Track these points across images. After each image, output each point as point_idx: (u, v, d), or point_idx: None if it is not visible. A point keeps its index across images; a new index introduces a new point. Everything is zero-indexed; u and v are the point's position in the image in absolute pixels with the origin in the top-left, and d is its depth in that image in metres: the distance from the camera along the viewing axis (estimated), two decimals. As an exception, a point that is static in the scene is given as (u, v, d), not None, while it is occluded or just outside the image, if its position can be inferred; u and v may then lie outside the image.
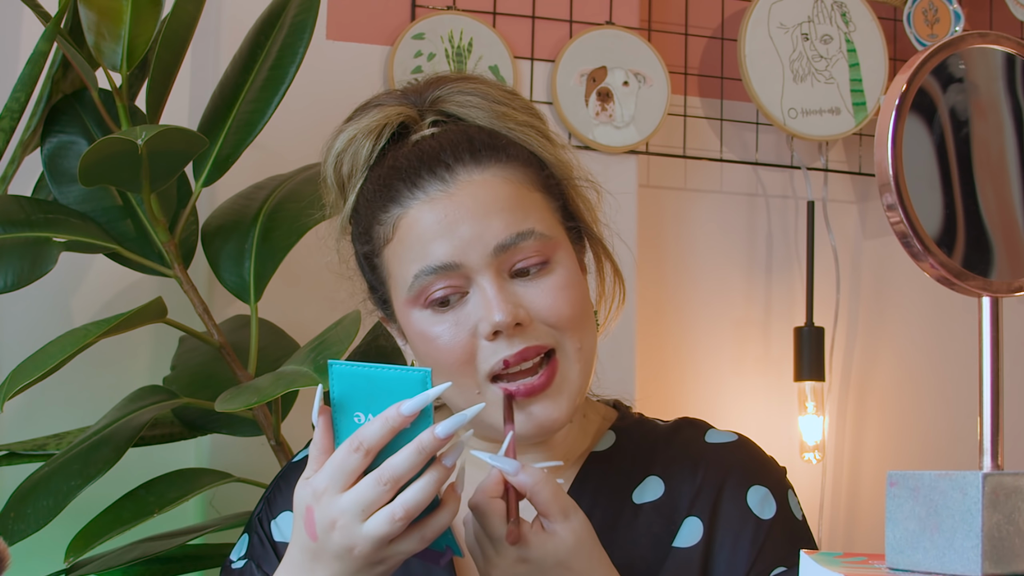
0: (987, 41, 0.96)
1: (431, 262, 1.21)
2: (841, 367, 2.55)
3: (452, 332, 1.22)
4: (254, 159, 1.94)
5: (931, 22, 2.50)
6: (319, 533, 1.09)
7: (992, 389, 0.94)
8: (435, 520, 1.10)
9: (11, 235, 1.70)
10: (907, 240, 0.94)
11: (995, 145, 0.96)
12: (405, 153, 1.25)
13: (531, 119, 1.30)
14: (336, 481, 1.08)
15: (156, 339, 2.07)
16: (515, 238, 1.21)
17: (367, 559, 1.08)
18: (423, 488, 1.07)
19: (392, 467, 1.06)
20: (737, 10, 2.48)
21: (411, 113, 1.28)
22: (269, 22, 1.83)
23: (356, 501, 1.07)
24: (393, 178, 1.24)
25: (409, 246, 1.23)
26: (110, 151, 1.59)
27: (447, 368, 1.22)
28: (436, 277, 1.21)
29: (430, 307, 1.22)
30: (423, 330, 1.23)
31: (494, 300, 1.20)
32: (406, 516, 1.07)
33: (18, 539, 1.61)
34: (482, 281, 1.21)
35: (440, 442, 1.06)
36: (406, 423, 1.07)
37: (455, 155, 1.23)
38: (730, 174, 2.50)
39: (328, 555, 1.09)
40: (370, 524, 1.07)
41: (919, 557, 0.92)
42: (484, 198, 1.22)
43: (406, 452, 1.06)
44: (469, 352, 1.21)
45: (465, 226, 1.21)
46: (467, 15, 2.25)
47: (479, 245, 1.21)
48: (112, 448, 1.67)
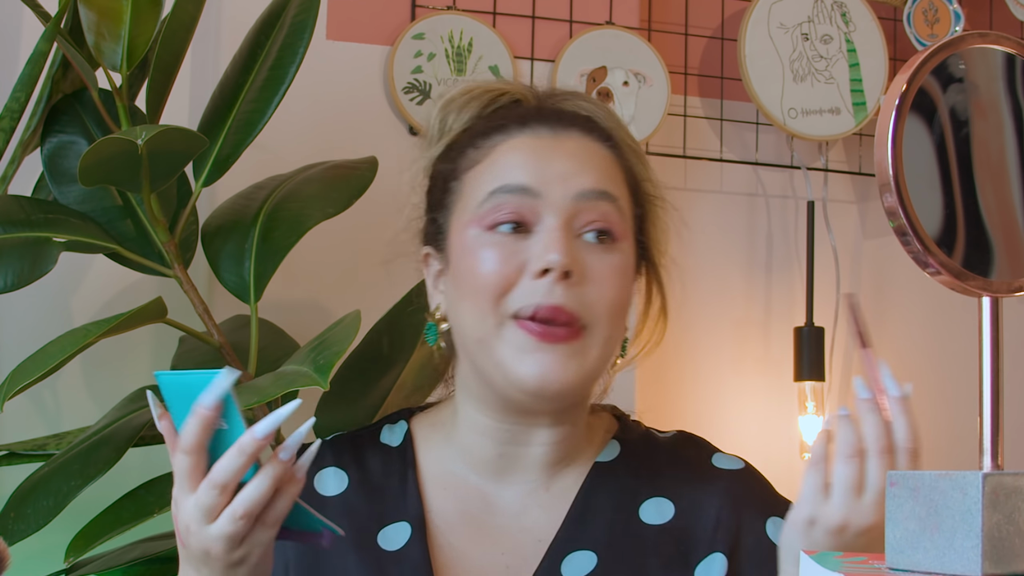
0: (987, 41, 0.96)
1: (512, 181, 1.22)
2: (841, 367, 2.55)
3: (500, 258, 1.21)
4: (254, 159, 1.94)
5: (931, 22, 2.50)
6: (183, 538, 1.11)
7: (992, 389, 0.94)
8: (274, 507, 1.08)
9: (11, 235, 1.70)
10: (907, 240, 0.94)
11: (995, 145, 0.96)
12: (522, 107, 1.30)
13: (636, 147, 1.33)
14: (180, 486, 1.09)
15: (156, 339, 2.07)
16: (598, 194, 1.23)
17: (225, 560, 1.09)
18: (259, 485, 1.06)
19: (219, 470, 1.06)
20: (737, 10, 2.48)
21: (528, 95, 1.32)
22: (269, 22, 1.83)
23: (197, 506, 1.08)
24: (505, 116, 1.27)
25: (497, 167, 1.24)
26: (110, 151, 1.59)
27: (479, 293, 1.21)
28: (511, 198, 1.22)
29: (489, 229, 1.22)
30: (474, 248, 1.23)
31: (558, 241, 1.20)
32: (247, 514, 1.06)
33: (18, 539, 1.61)
34: (551, 221, 1.21)
35: (259, 442, 1.05)
36: (211, 414, 1.05)
37: (571, 121, 1.27)
38: (730, 174, 2.50)
39: (195, 559, 1.11)
40: (215, 526, 1.07)
41: (919, 557, 0.92)
42: (584, 154, 1.25)
43: (229, 455, 1.06)
44: (508, 282, 1.21)
45: (558, 164, 1.23)
46: (467, 15, 2.25)
47: (563, 185, 1.22)
48: (112, 448, 1.67)
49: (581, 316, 1.21)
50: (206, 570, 1.10)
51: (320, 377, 1.48)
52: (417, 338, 1.86)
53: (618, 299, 1.23)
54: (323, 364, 1.50)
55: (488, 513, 1.29)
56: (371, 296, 1.85)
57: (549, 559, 1.26)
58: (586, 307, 1.21)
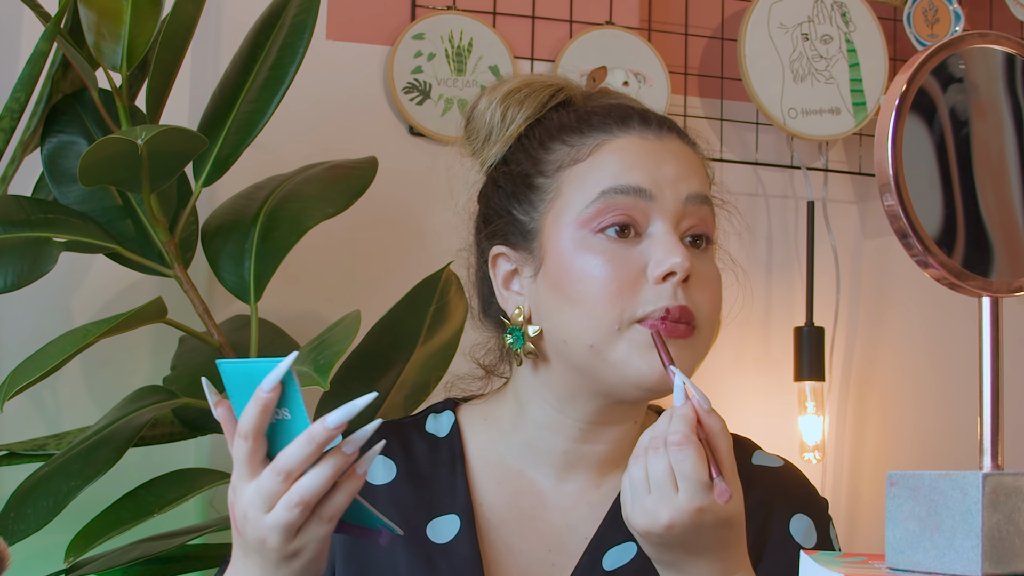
0: (987, 41, 0.96)
1: (627, 181, 1.22)
2: (841, 367, 2.55)
3: (617, 262, 1.20)
4: (254, 159, 1.94)
5: (931, 22, 2.50)
6: (240, 526, 1.09)
7: (992, 389, 0.94)
8: (331, 501, 1.07)
9: (11, 235, 1.70)
10: (907, 240, 0.94)
11: (995, 145, 0.96)
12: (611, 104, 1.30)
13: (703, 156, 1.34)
14: (239, 471, 1.08)
15: (156, 339, 2.07)
16: (702, 199, 1.25)
17: (280, 551, 1.08)
18: (318, 474, 1.05)
19: (284, 458, 1.06)
20: (737, 10, 2.48)
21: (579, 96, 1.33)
22: (269, 22, 1.83)
23: (257, 492, 1.07)
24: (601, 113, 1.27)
25: (605, 167, 1.24)
26: (110, 151, 1.59)
27: (595, 297, 1.20)
28: (624, 199, 1.21)
29: (600, 232, 1.21)
30: (582, 252, 1.22)
31: (676, 244, 1.20)
32: (302, 503, 1.05)
33: (18, 539, 1.61)
34: (662, 225, 1.21)
35: (330, 432, 1.05)
36: (270, 399, 1.05)
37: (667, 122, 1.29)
38: (730, 174, 2.50)
39: (250, 548, 1.09)
40: (272, 514, 1.06)
41: (919, 557, 0.92)
42: (687, 157, 1.27)
43: (296, 443, 1.05)
44: (629, 287, 1.20)
45: (670, 167, 1.24)
46: (467, 15, 2.25)
47: (675, 188, 1.23)
48: (112, 448, 1.67)
49: (696, 317, 1.22)
50: (260, 560, 1.09)
51: (320, 377, 1.48)
52: (418, 338, 1.86)
53: (720, 301, 1.26)
54: (323, 364, 1.50)
55: (540, 508, 1.29)
56: (371, 296, 1.85)
57: (590, 554, 1.27)
58: (698, 310, 1.22)
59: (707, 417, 1.12)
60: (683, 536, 1.10)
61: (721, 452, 1.11)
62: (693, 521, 1.09)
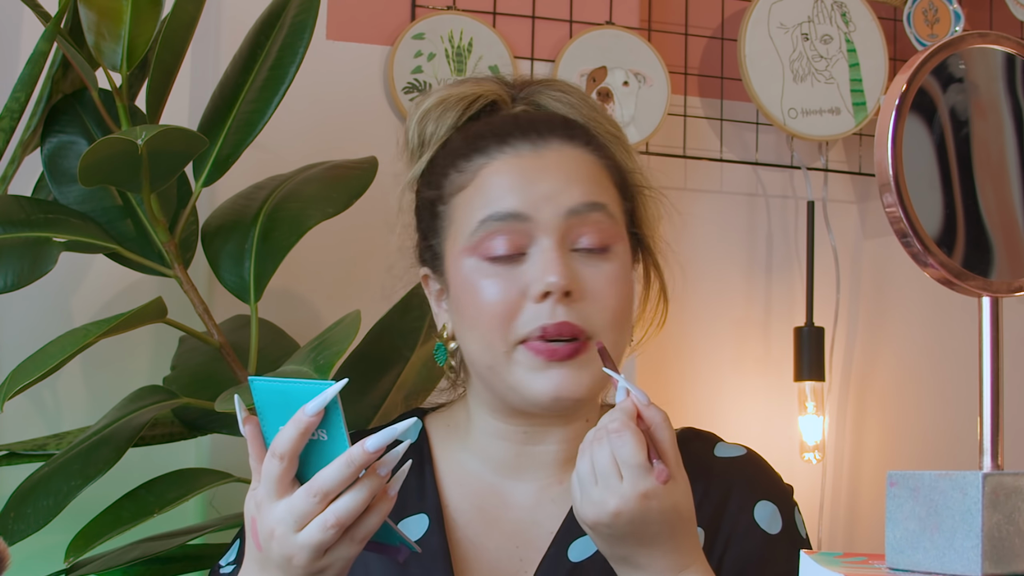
0: (987, 41, 0.96)
1: (501, 208, 1.22)
2: (841, 367, 2.55)
3: (501, 286, 1.22)
4: (254, 159, 1.94)
5: (931, 22, 2.50)
6: (262, 543, 1.11)
7: (992, 389, 0.94)
8: (364, 523, 1.09)
9: (11, 235, 1.70)
10: (907, 240, 0.94)
11: (995, 145, 0.96)
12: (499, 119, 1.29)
13: (616, 131, 1.33)
14: (268, 489, 1.09)
15: (156, 339, 2.07)
16: (588, 207, 1.23)
17: (306, 569, 1.09)
18: (355, 497, 1.07)
19: (322, 479, 1.07)
20: (737, 10, 2.48)
21: (504, 96, 1.32)
22: (269, 22, 1.83)
23: (289, 511, 1.08)
24: (484, 134, 1.27)
25: (484, 193, 1.24)
26: (110, 151, 1.59)
27: (484, 323, 1.23)
28: (502, 225, 1.22)
29: (486, 259, 1.23)
30: (472, 280, 1.23)
31: (554, 262, 1.20)
32: (338, 524, 1.07)
33: (18, 539, 1.61)
34: (545, 242, 1.22)
35: (369, 456, 1.06)
36: (313, 422, 1.06)
37: (550, 128, 1.26)
38: (730, 174, 2.50)
39: (272, 565, 1.11)
40: (304, 534, 1.08)
41: (919, 557, 0.92)
42: (569, 166, 1.25)
43: (335, 465, 1.07)
44: (512, 311, 1.21)
45: (545, 184, 1.23)
46: (467, 15, 2.25)
47: (552, 204, 1.22)
48: (112, 448, 1.67)
49: (586, 329, 1.22)
50: None
51: (320, 377, 1.48)
52: (417, 338, 1.86)
53: (619, 307, 1.24)
54: (323, 364, 1.50)
55: (503, 508, 1.31)
56: (371, 296, 1.85)
57: (556, 546, 1.28)
58: (589, 320, 1.22)
59: (646, 410, 1.14)
60: (631, 525, 1.11)
61: (663, 443, 1.13)
62: (639, 507, 1.10)
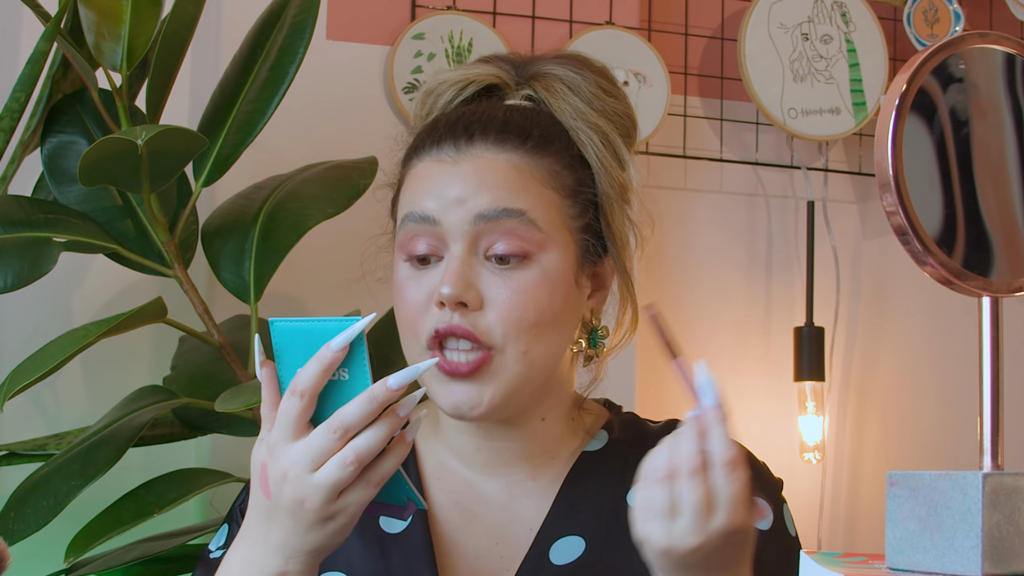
0: (987, 41, 0.96)
1: (416, 210, 1.23)
2: (841, 367, 2.55)
3: (414, 289, 1.23)
4: (254, 159, 1.94)
5: (931, 22, 2.50)
6: (272, 488, 1.08)
7: (992, 389, 0.94)
8: (381, 464, 1.08)
9: (11, 235, 1.70)
10: (907, 240, 0.94)
11: (995, 145, 0.96)
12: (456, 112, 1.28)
13: (605, 124, 1.29)
14: (284, 430, 1.07)
15: (156, 339, 2.07)
16: (499, 212, 1.21)
17: (318, 512, 1.07)
18: (375, 434, 1.06)
19: (343, 416, 1.06)
20: (737, 10, 2.48)
21: (506, 79, 1.30)
22: (269, 22, 1.83)
23: (307, 450, 1.06)
24: (429, 131, 1.27)
25: (407, 193, 1.26)
26: (110, 151, 1.59)
27: (403, 323, 1.24)
28: (418, 227, 1.22)
29: (410, 260, 1.24)
30: (398, 279, 1.25)
31: (449, 271, 1.20)
32: (357, 461, 1.06)
33: (18, 539, 1.62)
34: (453, 248, 1.21)
35: (392, 393, 1.06)
36: (337, 359, 1.06)
37: (483, 131, 1.24)
38: (730, 174, 2.50)
39: (281, 511, 1.08)
40: (321, 472, 1.06)
41: (919, 557, 0.92)
42: (484, 173, 1.23)
43: (358, 401, 1.06)
44: (419, 313, 1.22)
45: (455, 189, 1.22)
46: (467, 15, 2.25)
47: (461, 210, 1.21)
48: (112, 448, 1.67)
49: (484, 339, 1.21)
50: (290, 523, 1.08)
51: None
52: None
53: (527, 316, 1.21)
54: (323, 364, 1.50)
55: (479, 504, 1.30)
56: (371, 296, 1.85)
57: (537, 546, 1.27)
58: (489, 330, 1.21)
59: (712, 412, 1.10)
60: (707, 556, 1.07)
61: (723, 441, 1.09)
62: (723, 542, 1.06)
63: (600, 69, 1.32)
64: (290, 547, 1.10)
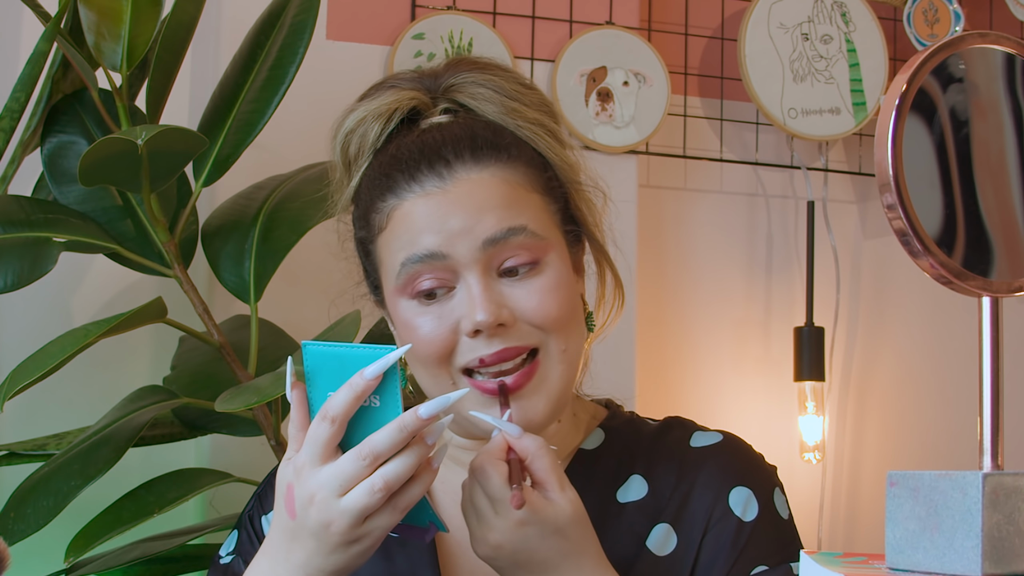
0: (987, 41, 0.96)
1: (418, 250, 1.21)
2: (841, 367, 2.55)
3: (434, 325, 1.22)
4: (254, 159, 1.94)
5: (931, 22, 2.50)
6: (298, 509, 1.10)
7: (992, 389, 0.94)
8: (408, 491, 1.09)
9: (11, 235, 1.70)
10: (907, 240, 0.94)
11: (995, 145, 0.96)
12: (408, 143, 1.25)
13: (542, 117, 1.30)
14: (313, 454, 1.09)
15: (156, 339, 2.07)
16: (506, 233, 1.21)
17: (343, 536, 1.09)
18: (404, 462, 1.07)
19: (373, 443, 1.07)
20: (737, 10, 2.48)
21: (423, 99, 1.29)
22: (269, 22, 1.83)
23: (335, 475, 1.08)
24: (393, 168, 1.24)
25: (399, 236, 1.23)
26: (110, 151, 1.59)
27: (425, 360, 1.23)
28: (422, 266, 1.21)
29: (416, 298, 1.23)
30: (407, 320, 1.23)
31: (478, 298, 1.20)
32: (386, 488, 1.07)
33: (18, 539, 1.62)
34: (469, 277, 1.21)
35: (422, 422, 1.07)
36: (370, 387, 1.07)
37: (456, 152, 1.23)
38: (730, 174, 2.50)
39: (305, 532, 1.10)
40: (348, 498, 1.07)
41: (919, 557, 0.92)
42: (479, 196, 1.22)
43: (388, 429, 1.07)
44: (448, 347, 1.22)
45: (456, 219, 1.21)
46: (467, 15, 2.25)
47: (468, 239, 1.21)
48: (112, 448, 1.67)
49: (531, 342, 1.22)
50: (314, 544, 1.10)
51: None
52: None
53: (560, 312, 1.23)
54: (323, 364, 1.50)
55: None
56: (371, 297, 1.85)
57: None
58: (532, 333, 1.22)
59: (518, 442, 1.16)
60: (516, 554, 1.14)
61: (541, 471, 1.15)
62: (517, 536, 1.13)
63: (504, 66, 1.32)
64: (312, 567, 1.11)
